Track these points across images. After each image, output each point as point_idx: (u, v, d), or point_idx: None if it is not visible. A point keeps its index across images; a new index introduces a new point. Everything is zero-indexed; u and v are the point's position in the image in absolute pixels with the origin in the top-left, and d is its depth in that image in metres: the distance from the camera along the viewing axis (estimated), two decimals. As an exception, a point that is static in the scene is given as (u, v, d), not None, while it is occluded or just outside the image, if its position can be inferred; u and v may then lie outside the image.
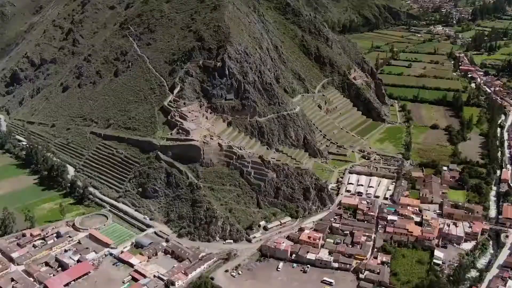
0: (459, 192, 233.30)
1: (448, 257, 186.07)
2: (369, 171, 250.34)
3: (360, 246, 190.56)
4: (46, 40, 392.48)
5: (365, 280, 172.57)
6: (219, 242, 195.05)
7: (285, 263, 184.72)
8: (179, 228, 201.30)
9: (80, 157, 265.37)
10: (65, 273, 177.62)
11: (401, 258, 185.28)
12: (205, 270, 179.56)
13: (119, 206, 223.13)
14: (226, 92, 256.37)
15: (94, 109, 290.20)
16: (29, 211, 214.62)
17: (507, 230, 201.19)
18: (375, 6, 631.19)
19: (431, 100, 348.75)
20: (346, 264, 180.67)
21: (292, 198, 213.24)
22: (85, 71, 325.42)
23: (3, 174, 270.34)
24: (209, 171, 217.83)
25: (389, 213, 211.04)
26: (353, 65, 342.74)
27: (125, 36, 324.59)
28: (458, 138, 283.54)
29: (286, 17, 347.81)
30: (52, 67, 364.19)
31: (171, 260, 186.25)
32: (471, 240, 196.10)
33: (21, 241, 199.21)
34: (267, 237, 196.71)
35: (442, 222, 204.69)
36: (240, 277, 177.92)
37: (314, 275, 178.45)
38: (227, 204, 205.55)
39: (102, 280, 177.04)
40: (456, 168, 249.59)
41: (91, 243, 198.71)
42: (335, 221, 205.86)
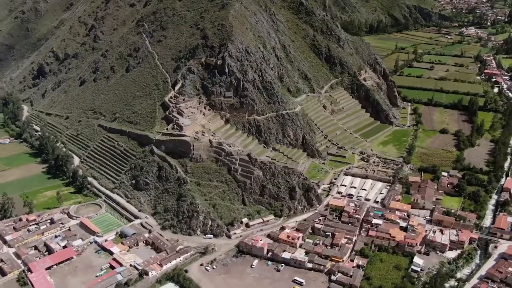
0: (455, 199, 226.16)
1: (428, 264, 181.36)
2: (365, 173, 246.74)
3: (338, 248, 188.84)
4: (71, 35, 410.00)
5: (335, 282, 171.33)
6: (200, 236, 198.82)
7: (260, 261, 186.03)
8: (163, 221, 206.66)
9: (86, 148, 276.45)
10: (49, 257, 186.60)
11: (378, 262, 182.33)
12: (181, 262, 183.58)
13: (113, 197, 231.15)
14: (225, 89, 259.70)
15: (104, 103, 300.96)
16: (28, 197, 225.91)
17: (497, 240, 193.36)
18: (406, 6, 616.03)
19: (446, 104, 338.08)
20: (320, 265, 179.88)
21: (278, 197, 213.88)
22: (101, 66, 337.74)
23: (16, 162, 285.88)
24: (198, 166, 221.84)
25: (375, 217, 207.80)
26: (365, 66, 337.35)
27: (139, 33, 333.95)
28: (465, 143, 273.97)
29: (299, 16, 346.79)
30: (74, 61, 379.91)
31: (150, 251, 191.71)
32: (456, 249, 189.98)
33: (17, 225, 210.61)
34: (247, 234, 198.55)
35: (429, 229, 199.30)
36: (213, 271, 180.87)
37: (286, 274, 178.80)
38: (211, 200, 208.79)
39: (82, 266, 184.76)
40: (456, 174, 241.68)
41: (81, 230, 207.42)
42: (318, 222, 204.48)
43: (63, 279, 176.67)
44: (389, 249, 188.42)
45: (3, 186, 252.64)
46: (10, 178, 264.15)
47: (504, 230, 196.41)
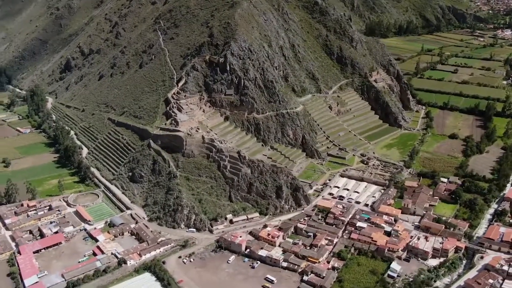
0: (450, 206, 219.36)
1: (406, 271, 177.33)
2: (361, 176, 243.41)
3: (316, 249, 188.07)
4: (96, 32, 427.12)
5: (306, 282, 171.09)
6: (183, 230, 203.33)
7: (237, 257, 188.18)
8: (152, 213, 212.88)
9: (95, 140, 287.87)
10: (39, 242, 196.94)
11: (355, 265, 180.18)
12: (160, 253, 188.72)
13: (111, 188, 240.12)
14: (226, 87, 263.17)
15: (116, 97, 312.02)
16: (31, 184, 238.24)
17: (485, 251, 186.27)
18: (439, 7, 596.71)
19: (462, 108, 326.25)
20: (294, 265, 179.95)
21: (264, 195, 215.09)
22: (118, 62, 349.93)
23: (32, 150, 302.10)
24: (189, 161, 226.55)
25: (361, 220, 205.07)
26: (378, 67, 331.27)
27: (155, 30, 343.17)
28: (472, 150, 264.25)
29: (313, 16, 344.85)
30: (96, 57, 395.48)
31: (134, 241, 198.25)
32: (440, 257, 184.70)
33: (18, 210, 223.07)
34: (230, 230, 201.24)
35: (415, 235, 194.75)
36: (190, 264, 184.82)
37: (261, 271, 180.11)
38: (198, 195, 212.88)
39: (68, 251, 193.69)
40: (456, 180, 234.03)
41: (75, 218, 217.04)
42: (302, 222, 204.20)
43: (48, 263, 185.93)
44: (369, 253, 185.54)
45: (15, 173, 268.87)
46: (23, 166, 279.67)
47: (494, 240, 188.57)
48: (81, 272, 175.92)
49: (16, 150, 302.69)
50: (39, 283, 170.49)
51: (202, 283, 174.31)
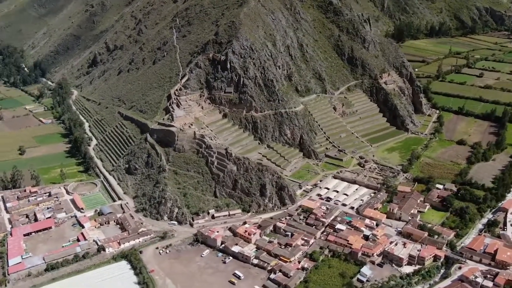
0: (440, 213, 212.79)
1: (378, 276, 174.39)
2: (354, 178, 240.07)
3: (290, 249, 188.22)
4: (122, 28, 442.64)
5: (272, 280, 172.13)
6: (166, 222, 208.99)
7: (212, 251, 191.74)
8: (139, 204, 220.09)
9: (103, 132, 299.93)
10: (30, 225, 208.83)
11: (326, 267, 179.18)
12: (139, 243, 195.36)
13: (109, 178, 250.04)
14: (226, 85, 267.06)
15: (128, 92, 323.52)
16: (35, 171, 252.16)
17: (465, 261, 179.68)
18: (475, 8, 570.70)
19: (477, 114, 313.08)
20: (264, 262, 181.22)
21: (249, 193, 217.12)
22: (136, 58, 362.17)
23: (48, 140, 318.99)
24: (180, 156, 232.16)
25: (341, 222, 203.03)
26: (390, 69, 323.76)
27: (171, 27, 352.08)
28: (477, 157, 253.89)
29: (327, 15, 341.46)
30: (119, 52, 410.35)
31: (117, 230, 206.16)
32: (416, 264, 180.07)
33: (21, 195, 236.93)
34: (210, 225, 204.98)
35: (394, 240, 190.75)
36: (165, 256, 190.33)
37: (231, 267, 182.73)
38: (184, 189, 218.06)
39: (56, 236, 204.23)
40: (452, 187, 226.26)
41: (69, 205, 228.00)
42: (282, 221, 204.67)
43: (35, 246, 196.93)
44: (342, 256, 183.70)
45: (28, 160, 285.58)
46: (36, 154, 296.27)
47: (476, 251, 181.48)
48: (61, 256, 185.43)
49: (33, 139, 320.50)
50: (21, 264, 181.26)
51: (172, 274, 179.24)
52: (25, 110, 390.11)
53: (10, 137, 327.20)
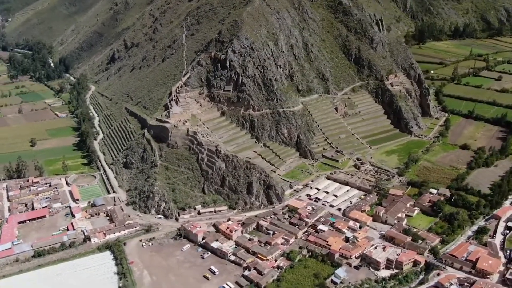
0: (428, 218, 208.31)
1: (352, 278, 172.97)
2: (346, 180, 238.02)
3: (269, 247, 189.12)
4: (140, 26, 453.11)
5: (245, 277, 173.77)
6: (153, 215, 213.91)
7: (193, 246, 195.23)
8: (130, 197, 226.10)
9: (110, 127, 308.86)
10: (26, 214, 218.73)
11: (301, 267, 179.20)
12: (124, 235, 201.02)
13: (107, 172, 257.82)
14: (225, 83, 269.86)
15: (137, 88, 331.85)
16: (38, 162, 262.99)
17: (444, 268, 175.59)
18: (504, 9, 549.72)
19: (487, 118, 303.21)
20: (240, 259, 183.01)
21: (236, 190, 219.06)
22: (148, 55, 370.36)
23: (59, 133, 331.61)
24: (172, 152, 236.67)
25: (325, 223, 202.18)
26: (398, 70, 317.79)
27: (182, 26, 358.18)
28: (478, 162, 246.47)
29: (336, 15, 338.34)
30: (135, 50, 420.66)
31: (106, 221, 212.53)
32: (394, 268, 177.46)
33: (23, 184, 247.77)
34: (195, 220, 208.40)
35: (374, 244, 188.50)
36: (147, 248, 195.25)
37: (208, 262, 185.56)
38: (173, 184, 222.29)
39: (48, 224, 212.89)
40: (445, 192, 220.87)
41: (66, 196, 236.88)
42: (265, 220, 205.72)
43: (27, 233, 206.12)
44: (319, 257, 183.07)
45: (37, 151, 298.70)
46: (46, 146, 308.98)
47: (457, 258, 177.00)
48: (48, 244, 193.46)
49: (46, 132, 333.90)
50: (11, 249, 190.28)
51: (150, 266, 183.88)
52: (44, 104, 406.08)
53: (25, 129, 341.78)
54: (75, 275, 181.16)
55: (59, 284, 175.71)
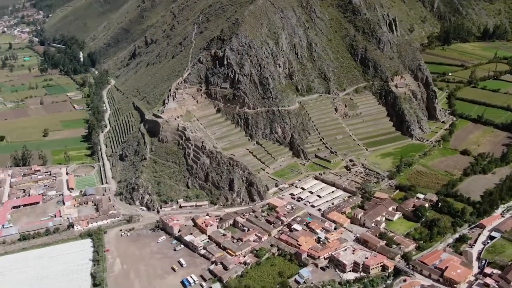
0: (409, 223, 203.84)
1: (317, 279, 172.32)
2: (333, 181, 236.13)
3: (240, 243, 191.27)
4: (160, 24, 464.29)
5: (210, 271, 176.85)
6: (137, 207, 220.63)
7: (168, 238, 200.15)
8: (119, 188, 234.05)
9: (117, 121, 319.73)
10: (20, 199, 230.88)
11: (268, 265, 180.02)
12: (106, 224, 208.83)
13: (105, 163, 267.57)
14: (222, 80, 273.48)
15: (146, 84, 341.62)
16: (42, 152, 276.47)
17: (412, 274, 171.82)
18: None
19: (497, 123, 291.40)
20: (209, 253, 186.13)
21: (218, 186, 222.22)
22: (161, 52, 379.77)
23: (72, 125, 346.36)
24: (162, 146, 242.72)
25: (301, 222, 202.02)
26: (405, 71, 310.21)
27: (194, 24, 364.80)
28: (475, 169, 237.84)
29: (345, 15, 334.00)
30: (153, 46, 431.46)
31: (92, 210, 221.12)
32: (361, 272, 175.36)
33: (26, 172, 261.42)
34: (175, 213, 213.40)
35: (346, 246, 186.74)
36: (125, 238, 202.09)
37: (179, 254, 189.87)
38: (159, 177, 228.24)
39: (40, 210, 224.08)
40: (432, 198, 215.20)
41: (63, 184, 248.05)
42: (242, 216, 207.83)
43: (18, 217, 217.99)
44: (287, 256, 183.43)
45: (48, 141, 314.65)
46: (57, 137, 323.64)
47: (427, 265, 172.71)
48: (34, 228, 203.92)
49: (60, 123, 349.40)
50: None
51: (124, 255, 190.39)
52: (66, 96, 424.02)
53: (42, 120, 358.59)
54: (54, 259, 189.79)
55: (37, 267, 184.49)
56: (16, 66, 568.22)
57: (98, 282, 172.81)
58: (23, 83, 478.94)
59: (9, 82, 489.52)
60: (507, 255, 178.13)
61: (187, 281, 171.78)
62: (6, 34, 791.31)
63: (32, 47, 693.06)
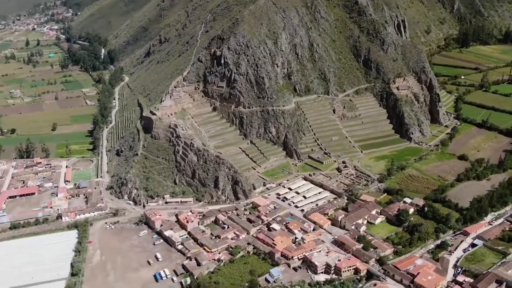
0: (391, 228, 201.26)
1: (288, 279, 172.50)
2: (321, 182, 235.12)
3: (218, 240, 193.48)
4: (174, 22, 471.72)
5: (183, 266, 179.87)
6: (125, 201, 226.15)
7: (150, 232, 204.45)
8: (111, 182, 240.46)
9: (121, 117, 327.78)
10: (17, 190, 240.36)
11: (241, 262, 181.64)
12: (93, 216, 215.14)
13: (103, 158, 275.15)
14: (219, 79, 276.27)
15: (152, 81, 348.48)
16: (45, 145, 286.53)
17: (384, 279, 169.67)
18: None
19: (501, 129, 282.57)
20: (186, 249, 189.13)
21: (204, 183, 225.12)
22: (171, 50, 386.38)
23: (80, 120, 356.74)
24: (154, 142, 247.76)
25: (280, 222, 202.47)
26: (408, 73, 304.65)
27: (202, 23, 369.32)
28: (468, 175, 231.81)
29: (351, 15, 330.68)
30: (165, 45, 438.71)
31: (82, 202, 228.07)
32: (333, 274, 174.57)
33: (28, 164, 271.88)
34: (161, 208, 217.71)
35: (321, 247, 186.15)
36: (109, 230, 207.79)
37: (158, 248, 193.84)
38: (148, 173, 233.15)
39: (34, 201, 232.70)
40: (418, 203, 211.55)
41: (60, 177, 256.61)
42: (224, 214, 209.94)
43: (13, 207, 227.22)
44: (261, 254, 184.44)
45: (55, 135, 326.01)
46: (64, 131, 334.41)
47: (399, 270, 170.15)
48: (24, 218, 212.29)
49: (69, 118, 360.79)
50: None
51: (104, 247, 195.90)
52: (81, 92, 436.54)
53: (54, 114, 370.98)
54: (40, 248, 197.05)
55: (23, 255, 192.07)
56: (41, 62, 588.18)
57: (75, 272, 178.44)
58: (43, 78, 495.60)
59: (31, 78, 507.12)
60: (486, 264, 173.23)
61: (159, 275, 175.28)
62: (36, 31, 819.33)
63: (58, 44, 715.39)
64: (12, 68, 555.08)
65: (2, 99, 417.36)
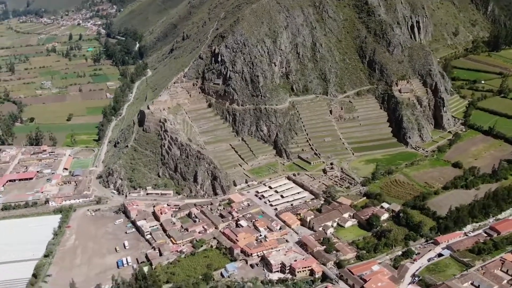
0: (360, 232, 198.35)
1: (241, 275, 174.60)
2: (302, 182, 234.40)
3: (185, 233, 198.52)
4: (197, 20, 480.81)
5: (146, 255, 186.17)
6: (110, 190, 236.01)
7: (125, 221, 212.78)
8: (101, 172, 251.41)
9: (130, 110, 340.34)
10: (16, 174, 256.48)
11: (201, 257, 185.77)
12: (78, 203, 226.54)
13: (104, 148, 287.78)
14: (216, 76, 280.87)
15: (162, 77, 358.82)
16: (52, 134, 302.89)
17: (336, 282, 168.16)
18: None
19: (507, 137, 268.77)
20: (153, 239, 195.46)
21: (185, 177, 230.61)
22: (186, 47, 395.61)
23: (95, 111, 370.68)
24: (145, 135, 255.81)
25: (249, 219, 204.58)
26: (413, 76, 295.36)
27: (216, 21, 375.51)
28: (456, 183, 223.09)
29: (360, 16, 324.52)
30: (186, 42, 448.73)
31: (72, 189, 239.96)
32: (288, 273, 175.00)
33: (35, 151, 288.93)
34: (141, 199, 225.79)
35: (281, 246, 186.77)
36: (90, 217, 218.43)
37: (129, 237, 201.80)
38: (135, 164, 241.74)
39: (30, 186, 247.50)
40: (395, 208, 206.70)
41: (61, 164, 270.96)
42: (197, 208, 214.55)
43: (10, 190, 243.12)
44: (222, 249, 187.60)
45: (69, 125, 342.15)
46: (77, 122, 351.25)
47: (352, 275, 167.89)
48: (14, 200, 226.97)
49: (86, 109, 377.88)
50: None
51: (80, 232, 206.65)
52: (105, 85, 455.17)
53: (74, 105, 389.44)
54: (24, 230, 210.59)
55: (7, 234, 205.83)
56: (78, 56, 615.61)
57: (47, 253, 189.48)
58: (75, 71, 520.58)
59: (65, 70, 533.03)
60: (446, 275, 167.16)
61: (121, 262, 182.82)
62: (80, 26, 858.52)
63: (98, 39, 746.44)
64: (51, 60, 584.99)
65: (32, 89, 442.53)
